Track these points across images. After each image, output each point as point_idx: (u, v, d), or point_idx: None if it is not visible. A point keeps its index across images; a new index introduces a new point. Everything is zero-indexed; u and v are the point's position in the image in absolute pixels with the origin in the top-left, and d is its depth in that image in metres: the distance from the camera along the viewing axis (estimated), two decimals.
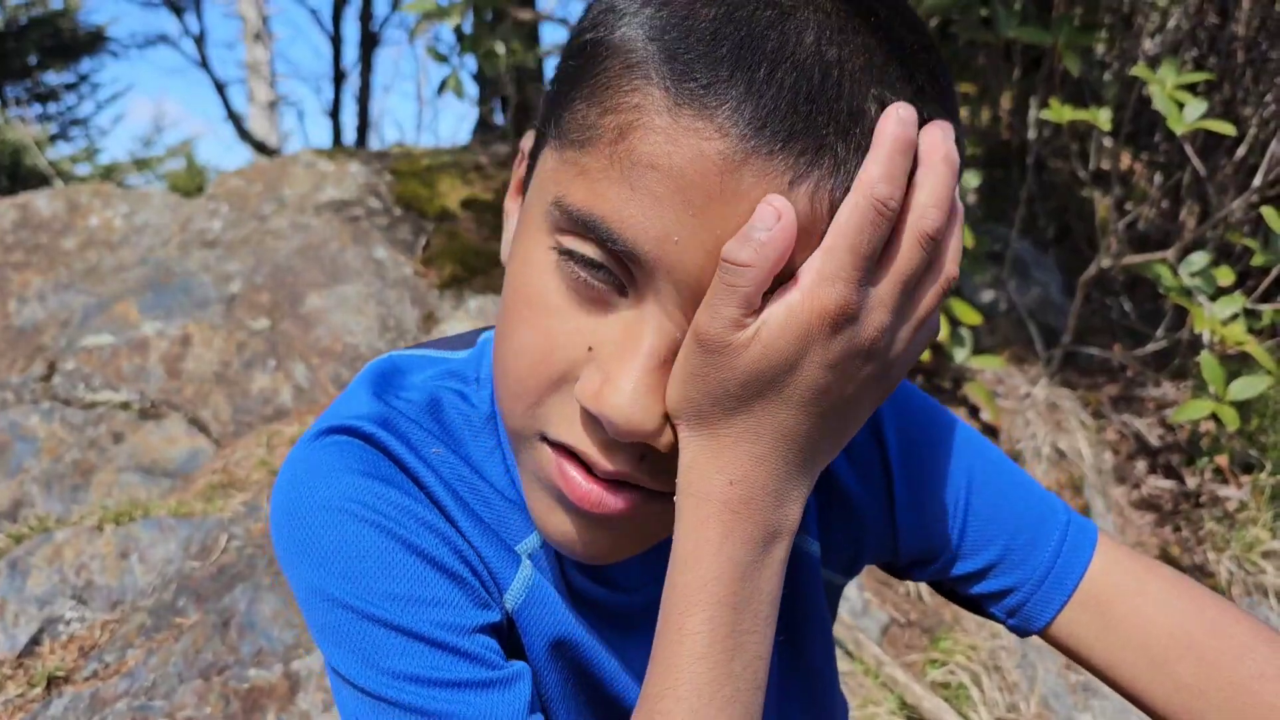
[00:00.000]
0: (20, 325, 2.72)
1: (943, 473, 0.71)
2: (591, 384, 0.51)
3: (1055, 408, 2.72)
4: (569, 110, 0.51)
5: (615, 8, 0.51)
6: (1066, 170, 3.97)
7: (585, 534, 0.56)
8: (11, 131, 8.84)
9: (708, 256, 0.47)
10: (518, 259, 0.54)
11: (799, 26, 0.47)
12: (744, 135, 0.46)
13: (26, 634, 1.66)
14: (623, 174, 0.48)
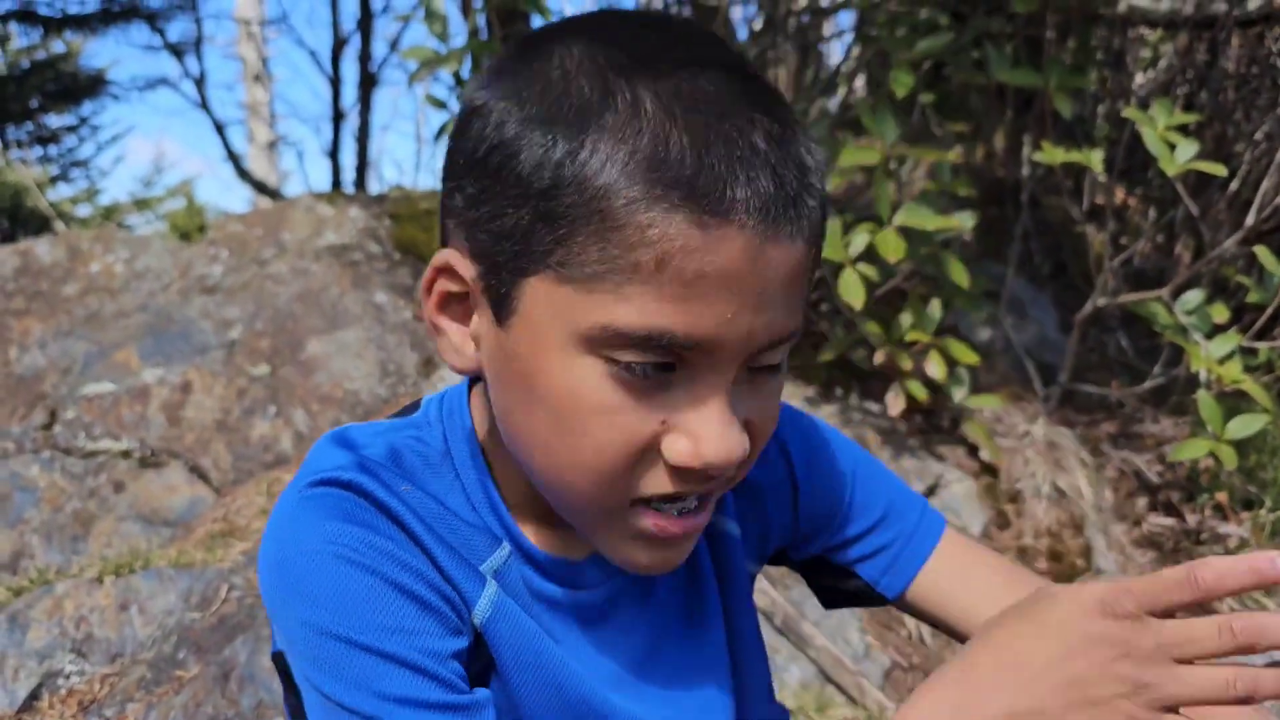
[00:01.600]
0: (21, 373, 2.73)
1: (834, 461, 0.85)
2: (682, 447, 0.61)
3: (1054, 446, 2.73)
4: (569, 249, 0.58)
5: (573, 152, 0.57)
6: (1061, 207, 4.00)
7: (666, 557, 0.67)
8: (12, 173, 8.89)
9: (750, 321, 0.59)
10: (546, 384, 0.62)
11: (749, 124, 0.58)
12: (758, 225, 0.57)
13: (26, 688, 1.66)
14: (675, 292, 0.57)
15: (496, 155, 0.60)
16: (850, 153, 2.41)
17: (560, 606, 0.72)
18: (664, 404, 0.61)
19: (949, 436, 2.77)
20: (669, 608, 0.77)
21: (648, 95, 0.58)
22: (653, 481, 0.63)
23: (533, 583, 0.71)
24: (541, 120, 0.59)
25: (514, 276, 0.61)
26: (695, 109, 0.57)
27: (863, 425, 2.70)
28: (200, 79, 8.37)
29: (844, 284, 2.37)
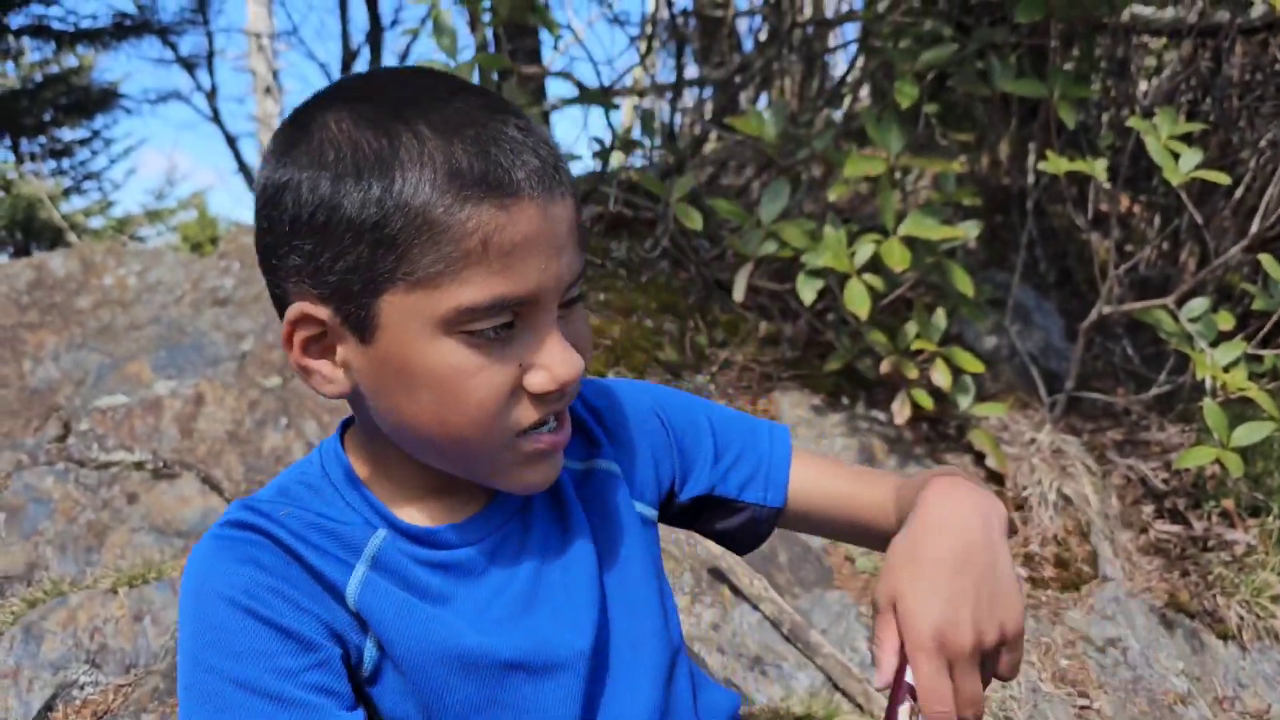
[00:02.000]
0: (35, 386, 2.76)
1: (691, 407, 1.06)
2: (540, 378, 0.79)
3: (1060, 453, 2.73)
4: (411, 262, 0.74)
5: (388, 188, 0.73)
6: (1065, 215, 4.01)
7: (551, 468, 0.85)
8: (26, 186, 8.96)
9: (558, 266, 0.78)
10: (420, 366, 0.77)
11: (503, 125, 0.76)
12: (540, 193, 0.76)
13: (41, 699, 1.68)
14: (500, 264, 0.75)
15: (321, 213, 0.75)
16: (855, 163, 2.42)
17: (445, 568, 0.86)
18: (515, 353, 0.79)
19: (955, 444, 2.78)
20: (546, 548, 0.90)
21: (423, 128, 0.74)
22: (525, 414, 0.81)
23: (415, 554, 0.85)
24: (349, 174, 0.74)
25: (369, 299, 0.76)
26: (461, 126, 0.75)
27: (869, 434, 2.71)
28: (212, 92, 8.43)
29: (850, 294, 2.39)
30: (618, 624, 0.91)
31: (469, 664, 0.82)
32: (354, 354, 0.80)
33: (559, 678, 0.85)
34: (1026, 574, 2.47)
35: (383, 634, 0.81)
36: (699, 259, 3.21)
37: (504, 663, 0.83)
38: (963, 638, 0.78)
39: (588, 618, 0.88)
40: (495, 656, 0.83)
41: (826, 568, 2.30)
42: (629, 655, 0.91)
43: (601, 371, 2.72)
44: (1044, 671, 2.17)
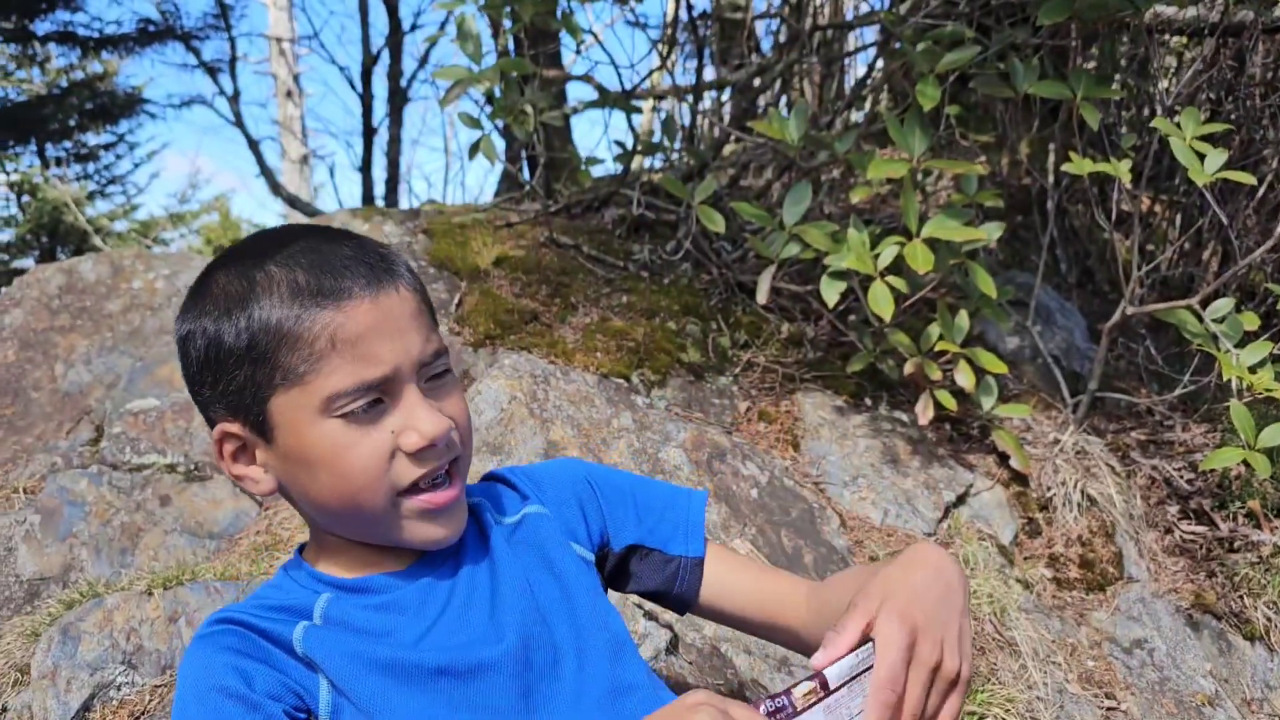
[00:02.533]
0: (66, 389, 2.80)
1: (615, 475, 1.25)
2: (411, 438, 0.97)
3: (1084, 454, 2.73)
4: (281, 369, 0.95)
5: (249, 316, 0.95)
6: (1086, 215, 3.99)
7: (449, 523, 1.03)
8: (52, 190, 9.06)
9: (403, 347, 0.98)
10: (310, 450, 0.97)
11: (336, 248, 1.00)
12: (368, 291, 0.97)
13: (79, 700, 1.71)
14: (350, 353, 0.95)
15: (211, 350, 0.97)
16: (878, 165, 2.43)
17: (383, 608, 1.03)
18: (387, 424, 0.98)
19: (978, 445, 2.78)
20: (474, 582, 1.07)
21: (271, 266, 0.97)
22: (405, 472, 0.99)
23: (356, 602, 1.03)
24: (221, 314, 0.96)
25: (260, 407, 0.97)
26: (299, 256, 0.97)
27: (892, 434, 2.71)
28: (234, 96, 8.50)
29: (873, 296, 2.40)
30: (557, 631, 1.07)
31: (406, 673, 0.97)
32: (266, 455, 1.01)
33: (487, 678, 1.00)
34: (1051, 574, 2.47)
35: (329, 668, 0.97)
36: (720, 261, 3.22)
37: (433, 669, 0.98)
38: (933, 649, 0.88)
39: (513, 630, 1.03)
40: (425, 666, 0.98)
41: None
42: (569, 657, 1.05)
43: (626, 373, 2.74)
44: (1070, 672, 2.17)
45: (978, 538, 2.44)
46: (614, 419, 2.55)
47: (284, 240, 1.00)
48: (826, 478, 2.58)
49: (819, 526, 2.41)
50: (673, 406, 2.71)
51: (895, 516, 2.48)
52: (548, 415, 2.47)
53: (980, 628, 2.18)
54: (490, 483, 1.23)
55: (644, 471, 2.41)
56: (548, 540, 1.14)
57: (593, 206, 3.66)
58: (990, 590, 2.23)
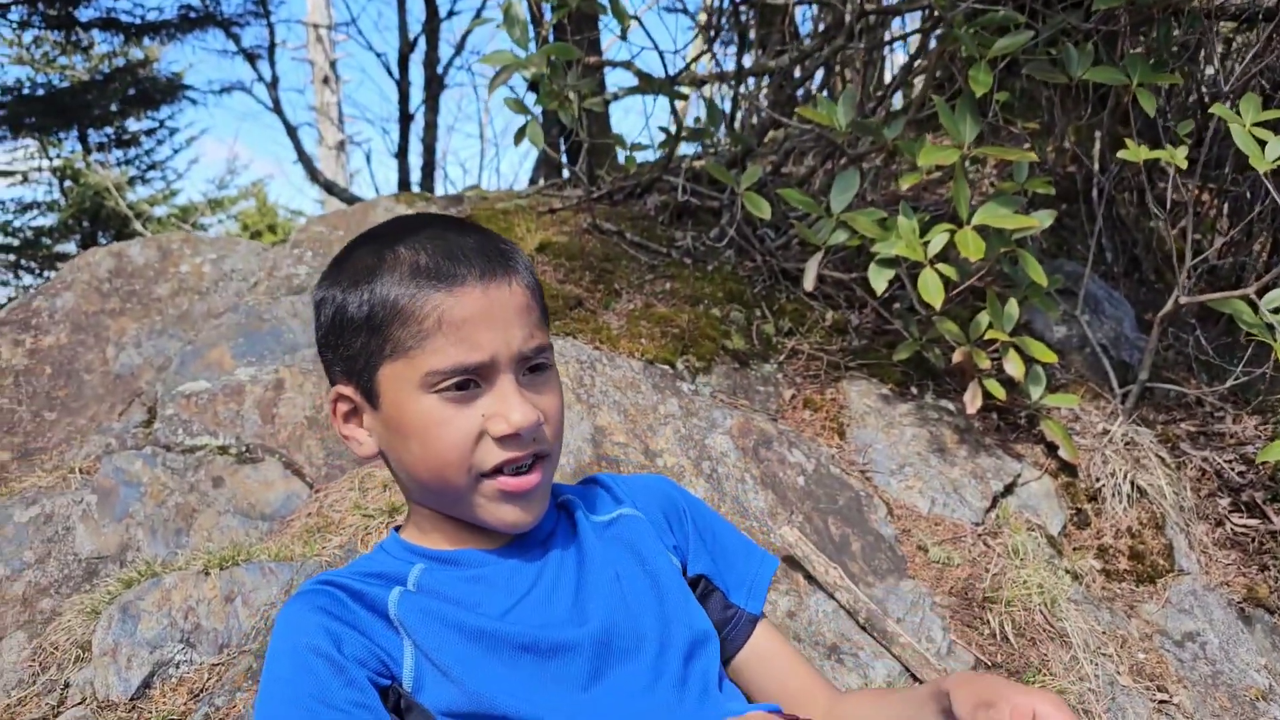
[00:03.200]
0: (118, 371, 2.83)
1: (707, 509, 1.32)
2: (499, 425, 1.03)
3: (1133, 445, 2.70)
4: (393, 340, 1.03)
5: (372, 290, 1.04)
6: (1131, 203, 3.94)
7: (524, 509, 1.08)
8: (94, 176, 9.16)
9: (504, 338, 1.04)
10: (408, 420, 1.04)
11: (460, 238, 1.07)
12: (481, 281, 1.04)
13: (139, 677, 1.74)
14: (454, 336, 1.02)
15: (337, 317, 1.07)
16: (929, 152, 2.41)
17: (474, 580, 1.09)
18: (479, 407, 1.04)
19: (1025, 435, 2.76)
20: (562, 568, 1.12)
21: (399, 247, 1.05)
22: (490, 455, 1.04)
23: (449, 574, 1.09)
24: (350, 285, 1.06)
25: (371, 374, 1.05)
26: (426, 241, 1.05)
27: (939, 423, 2.70)
28: (273, 83, 8.55)
29: (923, 283, 2.38)
30: (642, 621, 1.11)
31: (490, 646, 1.03)
32: (372, 420, 1.09)
33: (566, 657, 1.05)
34: (1100, 566, 2.45)
35: (418, 632, 1.02)
36: (764, 248, 3.21)
37: (518, 645, 1.03)
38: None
39: (597, 616, 1.08)
40: (511, 639, 1.03)
41: (900, 556, 2.30)
42: (650, 645, 1.10)
43: (671, 360, 2.74)
44: (1121, 665, 2.15)
45: (1026, 528, 2.42)
46: (660, 405, 2.55)
47: (418, 226, 1.09)
48: (873, 466, 2.57)
49: (866, 515, 2.40)
50: (718, 393, 2.71)
51: (943, 505, 2.47)
52: (594, 401, 2.48)
53: (1030, 618, 2.16)
54: (588, 485, 1.30)
55: (690, 458, 2.41)
56: (641, 540, 1.20)
57: (635, 193, 3.65)
58: (1040, 581, 2.22)
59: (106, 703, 1.69)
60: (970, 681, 1.01)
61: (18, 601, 1.99)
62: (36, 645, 1.85)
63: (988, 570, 2.28)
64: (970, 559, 2.33)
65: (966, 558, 2.33)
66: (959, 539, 2.39)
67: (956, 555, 2.33)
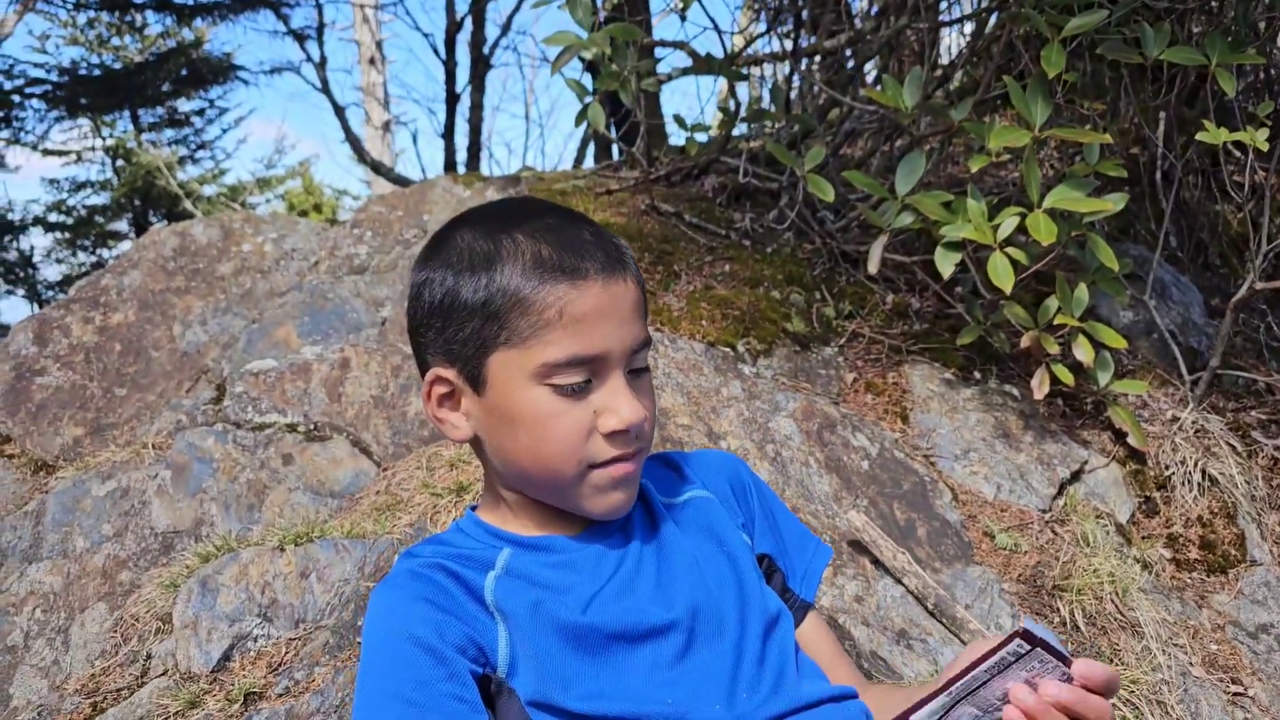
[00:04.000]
0: (185, 349, 2.87)
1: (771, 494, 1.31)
2: (610, 421, 1.03)
3: (1203, 432, 2.66)
4: (509, 328, 1.02)
5: (492, 277, 1.03)
6: (1197, 186, 3.86)
7: (626, 495, 1.09)
8: (145, 155, 9.28)
9: (621, 332, 1.04)
10: (517, 410, 1.04)
11: (578, 230, 1.05)
12: (602, 276, 1.02)
13: (219, 650, 1.76)
14: (574, 328, 1.01)
15: (447, 299, 1.05)
16: (1000, 134, 2.37)
17: (562, 566, 1.09)
18: (591, 403, 1.04)
19: (1092, 421, 2.72)
20: (643, 554, 1.12)
21: (518, 234, 1.04)
22: (599, 450, 1.04)
23: (537, 559, 1.09)
24: (466, 270, 1.04)
25: (480, 361, 1.04)
26: (546, 231, 1.04)
27: (1004, 409, 2.67)
28: (321, 63, 8.60)
29: (992, 267, 2.35)
30: (725, 604, 1.11)
31: (580, 636, 1.03)
32: (473, 405, 1.08)
33: (655, 642, 1.05)
34: (1170, 555, 2.42)
35: (514, 618, 1.02)
36: (824, 230, 3.18)
37: (608, 634, 1.03)
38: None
39: (681, 600, 1.09)
40: (601, 630, 1.03)
41: (966, 542, 2.28)
42: (732, 627, 1.10)
43: (732, 342, 2.73)
44: (1194, 656, 2.12)
45: (1094, 515, 2.39)
46: (723, 387, 2.54)
47: (531, 213, 1.08)
48: (937, 451, 2.55)
49: (931, 500, 2.38)
50: (779, 376, 2.69)
51: (1009, 492, 2.44)
52: (657, 383, 2.48)
53: (1101, 607, 2.14)
54: (655, 464, 1.28)
55: (754, 441, 2.40)
56: (717, 521, 1.20)
57: (692, 174, 3.63)
58: (1111, 569, 2.19)
59: (188, 674, 1.72)
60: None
61: (98, 573, 2.03)
62: (118, 617, 1.89)
63: (1057, 558, 2.25)
64: (1038, 546, 2.30)
65: (1034, 544, 2.30)
66: (1026, 525, 2.36)
67: (1024, 542, 2.30)
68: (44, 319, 2.87)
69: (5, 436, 2.52)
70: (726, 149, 3.57)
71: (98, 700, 1.77)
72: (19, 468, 2.42)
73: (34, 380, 2.68)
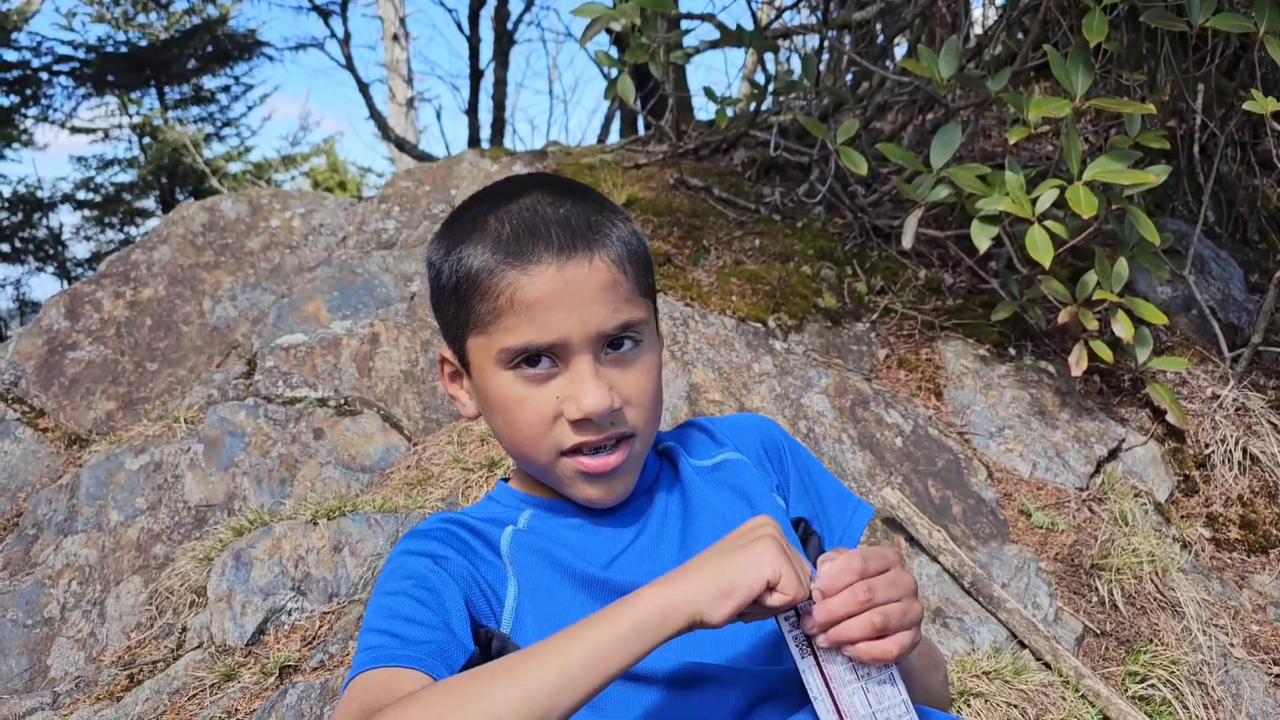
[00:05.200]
0: (215, 324, 2.87)
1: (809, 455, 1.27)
2: (570, 407, 0.99)
3: (1244, 410, 2.61)
4: (474, 314, 1.01)
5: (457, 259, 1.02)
6: (1235, 159, 3.78)
7: (605, 488, 1.05)
8: (171, 133, 9.30)
9: (580, 318, 0.99)
10: (490, 394, 1.03)
11: (541, 206, 1.02)
12: (557, 259, 0.98)
13: (254, 623, 1.77)
14: (525, 315, 0.98)
15: (435, 283, 1.06)
16: (1039, 104, 2.32)
17: (581, 527, 1.08)
18: (555, 388, 1.00)
19: (1129, 398, 2.68)
20: (666, 518, 1.11)
21: (490, 216, 1.01)
22: (565, 436, 1.01)
23: (559, 521, 1.08)
24: (446, 252, 1.03)
25: (462, 344, 1.04)
26: (516, 212, 1.01)
27: (1039, 385, 2.63)
28: (345, 39, 8.57)
29: (1031, 241, 2.30)
30: None
31: (595, 594, 1.01)
32: (468, 385, 1.09)
33: None
34: (1210, 534, 2.38)
35: (526, 571, 1.03)
36: (855, 204, 3.14)
37: (621, 589, 0.97)
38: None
39: None
40: (617, 588, 1.00)
41: (1002, 520, 2.25)
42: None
43: (763, 317, 2.70)
44: (1234, 637, 2.09)
45: (1133, 494, 2.35)
46: (754, 363, 2.52)
47: (518, 191, 1.05)
48: (971, 428, 2.51)
49: (966, 477, 2.35)
50: (810, 352, 2.66)
51: (1045, 470, 2.41)
52: (689, 358, 2.45)
53: (1140, 587, 2.11)
54: (686, 429, 1.26)
55: (787, 417, 2.38)
56: (749, 483, 1.17)
57: (720, 148, 3.59)
58: (1150, 549, 2.16)
59: (224, 647, 1.73)
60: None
61: (132, 546, 2.04)
62: (152, 590, 1.89)
63: (1095, 537, 2.22)
64: (1075, 525, 2.27)
65: (1071, 523, 2.27)
66: (1063, 504, 2.33)
67: (1061, 520, 2.27)
68: (75, 294, 2.88)
69: (39, 410, 2.54)
70: (755, 122, 3.52)
71: (134, 672, 1.77)
72: (53, 441, 2.43)
73: (66, 354, 2.69)
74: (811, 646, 0.91)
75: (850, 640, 0.89)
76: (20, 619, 1.96)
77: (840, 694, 0.90)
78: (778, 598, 0.85)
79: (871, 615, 0.89)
